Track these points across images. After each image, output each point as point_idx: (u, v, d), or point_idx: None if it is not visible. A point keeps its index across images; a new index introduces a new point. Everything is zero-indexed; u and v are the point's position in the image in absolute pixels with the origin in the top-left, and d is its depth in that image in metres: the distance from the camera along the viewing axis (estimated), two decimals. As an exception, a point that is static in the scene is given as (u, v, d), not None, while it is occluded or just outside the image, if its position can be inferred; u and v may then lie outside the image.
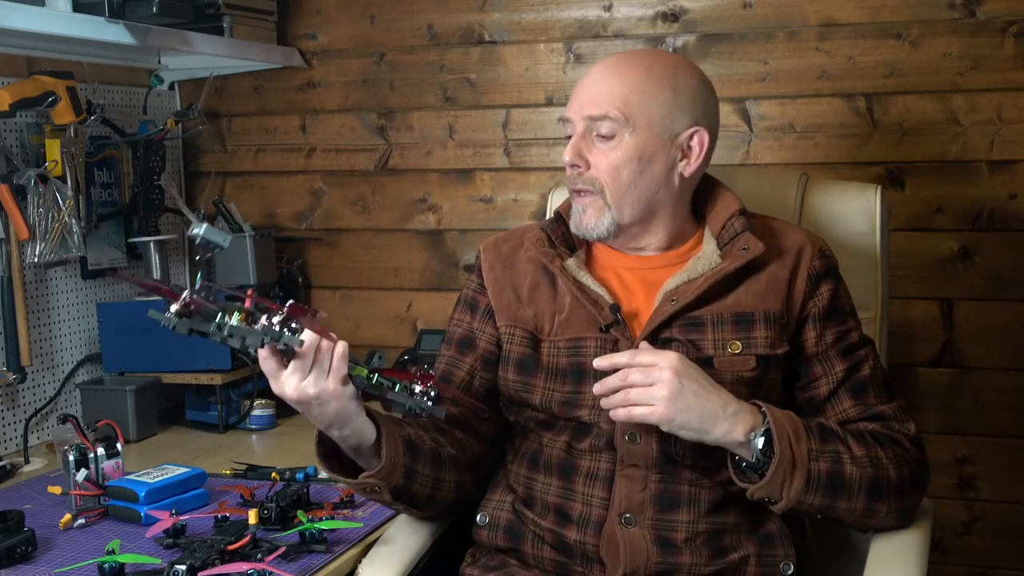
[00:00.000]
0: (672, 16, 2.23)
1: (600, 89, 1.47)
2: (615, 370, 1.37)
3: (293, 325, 1.27)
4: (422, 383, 1.36)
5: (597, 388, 1.39)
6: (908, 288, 2.13)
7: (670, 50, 2.21)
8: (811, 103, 2.16)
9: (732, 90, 2.20)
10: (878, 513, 1.43)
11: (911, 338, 2.15)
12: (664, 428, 1.36)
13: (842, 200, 1.76)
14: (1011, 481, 2.13)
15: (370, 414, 1.39)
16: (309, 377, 1.29)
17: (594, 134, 1.47)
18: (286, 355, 1.29)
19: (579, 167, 1.48)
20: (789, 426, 1.36)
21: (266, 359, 1.29)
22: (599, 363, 1.39)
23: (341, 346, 1.31)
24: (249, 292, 1.28)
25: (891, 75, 2.11)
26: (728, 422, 1.35)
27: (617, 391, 1.36)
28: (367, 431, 1.38)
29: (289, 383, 1.30)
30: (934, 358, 2.15)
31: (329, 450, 1.42)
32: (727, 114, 2.19)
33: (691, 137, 1.48)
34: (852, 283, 1.56)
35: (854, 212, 1.74)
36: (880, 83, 2.12)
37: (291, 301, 1.28)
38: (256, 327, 1.26)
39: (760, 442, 1.35)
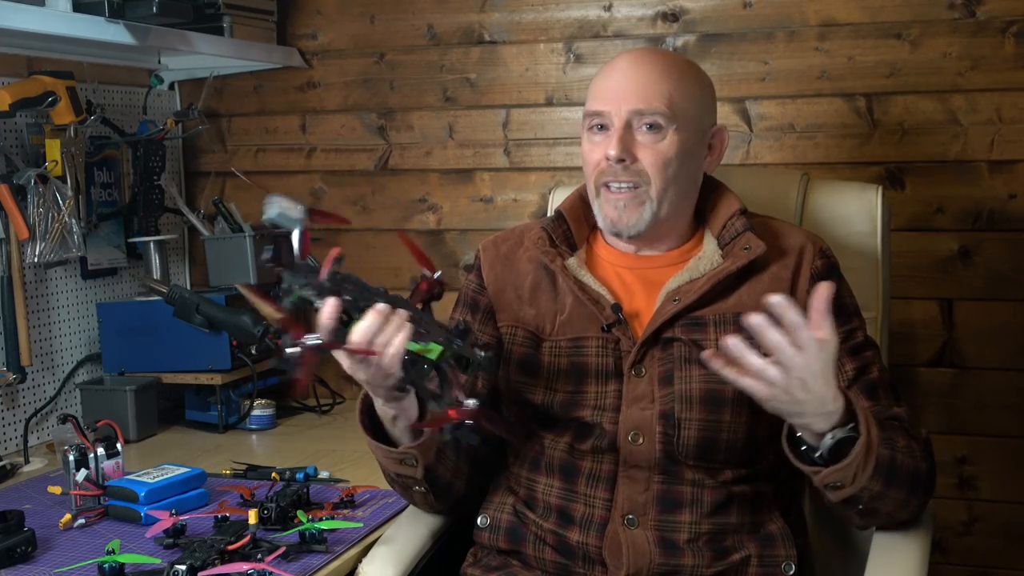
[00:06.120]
0: (672, 16, 2.23)
1: (644, 83, 1.47)
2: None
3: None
4: (460, 416, 1.31)
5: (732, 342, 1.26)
6: (908, 288, 2.12)
7: (670, 50, 2.21)
8: (811, 103, 2.16)
9: (732, 90, 2.20)
10: (910, 504, 1.42)
11: (911, 338, 2.15)
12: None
13: (843, 200, 1.76)
14: (1011, 481, 2.13)
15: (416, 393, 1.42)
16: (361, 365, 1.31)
17: (641, 127, 1.46)
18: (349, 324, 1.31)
19: (625, 160, 1.46)
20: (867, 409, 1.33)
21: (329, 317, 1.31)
22: (772, 306, 1.24)
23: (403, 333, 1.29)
24: (334, 252, 1.33)
25: (891, 75, 2.11)
26: (819, 418, 1.29)
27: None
28: (411, 409, 1.41)
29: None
30: (934, 358, 2.15)
31: (367, 419, 1.46)
32: (727, 114, 2.19)
33: (714, 135, 1.53)
34: (853, 283, 1.56)
35: (855, 212, 1.74)
36: (880, 83, 2.11)
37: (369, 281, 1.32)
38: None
39: (838, 436, 1.29)
